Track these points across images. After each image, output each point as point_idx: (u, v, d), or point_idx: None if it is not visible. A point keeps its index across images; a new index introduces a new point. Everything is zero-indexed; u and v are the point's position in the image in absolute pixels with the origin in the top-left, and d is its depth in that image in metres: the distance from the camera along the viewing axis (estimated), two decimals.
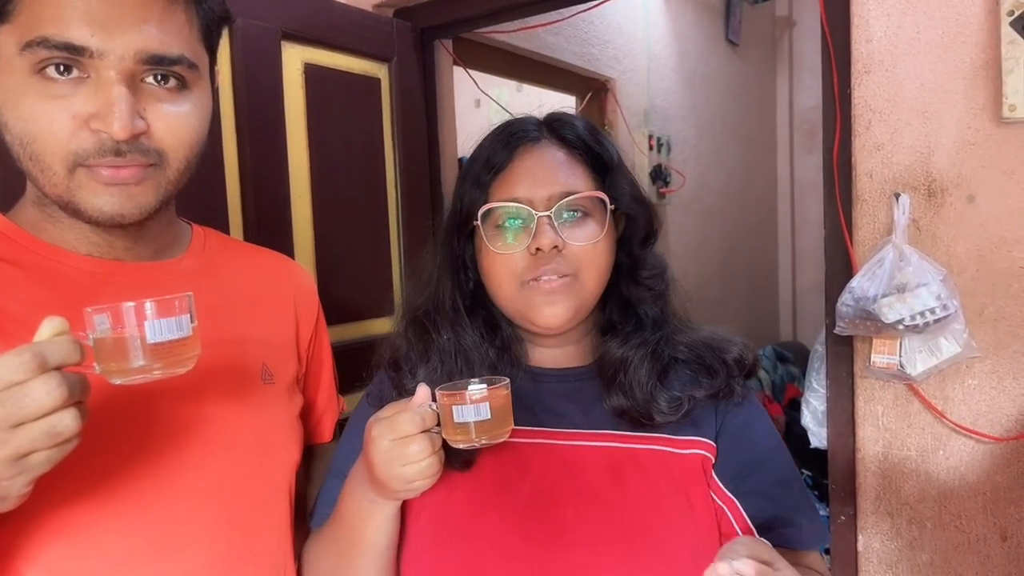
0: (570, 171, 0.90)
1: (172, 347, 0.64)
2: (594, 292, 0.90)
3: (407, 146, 1.98)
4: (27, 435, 0.55)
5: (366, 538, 0.85)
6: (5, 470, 0.56)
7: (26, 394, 0.55)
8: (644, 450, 0.88)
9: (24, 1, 0.70)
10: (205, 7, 0.79)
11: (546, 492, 0.86)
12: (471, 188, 0.92)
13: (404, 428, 0.76)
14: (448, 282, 0.94)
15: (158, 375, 0.64)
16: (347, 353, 1.75)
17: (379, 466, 0.77)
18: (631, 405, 0.88)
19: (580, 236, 0.87)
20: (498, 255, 0.89)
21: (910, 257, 1.28)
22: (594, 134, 0.93)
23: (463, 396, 0.76)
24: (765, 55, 4.51)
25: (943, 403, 1.33)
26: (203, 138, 0.81)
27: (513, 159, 0.90)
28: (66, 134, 0.71)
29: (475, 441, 0.77)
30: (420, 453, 0.76)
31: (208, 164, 0.83)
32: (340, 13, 1.85)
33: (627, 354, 0.90)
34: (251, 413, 0.87)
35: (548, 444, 0.89)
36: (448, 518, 0.87)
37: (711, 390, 0.90)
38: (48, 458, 0.57)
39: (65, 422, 0.56)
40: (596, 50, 3.07)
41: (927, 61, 1.31)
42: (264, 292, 0.96)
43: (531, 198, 0.87)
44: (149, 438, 0.78)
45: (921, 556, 1.38)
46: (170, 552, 0.78)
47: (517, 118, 0.96)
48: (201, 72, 0.79)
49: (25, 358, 0.55)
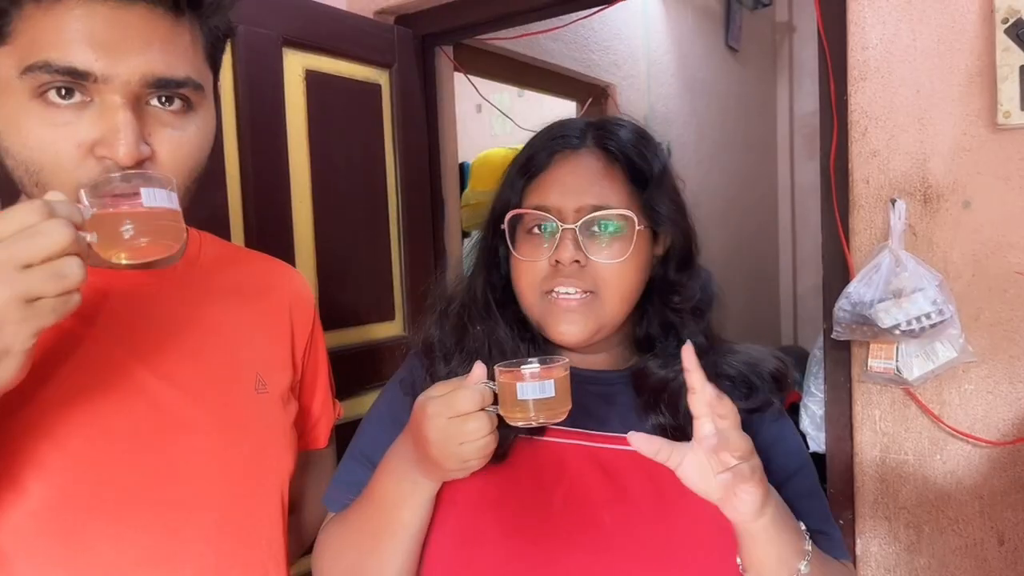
0: (606, 183, 0.87)
1: (161, 215, 0.66)
2: (617, 311, 0.88)
3: (408, 152, 1.99)
4: (37, 275, 0.56)
5: (402, 520, 0.83)
6: (13, 312, 0.56)
7: (37, 232, 0.56)
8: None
9: (23, 23, 0.68)
10: (210, 25, 0.77)
11: (582, 494, 0.85)
12: (507, 188, 0.91)
13: (463, 405, 0.74)
14: (481, 277, 0.94)
15: (144, 243, 0.64)
16: (347, 358, 1.77)
17: (435, 444, 0.75)
18: (672, 424, 0.86)
19: (605, 253, 0.85)
20: (523, 261, 0.88)
21: (906, 262, 1.29)
22: (640, 145, 0.89)
23: (527, 374, 0.75)
24: (765, 60, 4.52)
25: (940, 407, 1.34)
26: (205, 160, 0.80)
27: (550, 165, 0.89)
28: (73, 164, 0.69)
29: (533, 419, 0.75)
30: (479, 431, 0.74)
31: (210, 170, 0.83)
32: (341, 20, 1.86)
33: (668, 376, 0.88)
34: (244, 423, 0.86)
35: (585, 446, 0.88)
36: (481, 514, 0.86)
37: (752, 405, 0.88)
38: (53, 307, 0.57)
39: (72, 267, 0.57)
40: (596, 56, 3.08)
41: (923, 68, 1.32)
42: (259, 298, 0.96)
43: (560, 208, 0.86)
44: (139, 448, 0.78)
45: (919, 560, 1.38)
46: (161, 561, 0.78)
47: (565, 121, 0.93)
48: (206, 92, 0.77)
49: (36, 205, 0.57)
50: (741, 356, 0.93)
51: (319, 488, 1.10)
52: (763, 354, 0.94)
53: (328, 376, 1.08)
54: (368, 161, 1.91)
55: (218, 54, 0.81)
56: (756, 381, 0.90)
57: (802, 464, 0.95)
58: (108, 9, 0.68)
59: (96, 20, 0.68)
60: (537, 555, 0.83)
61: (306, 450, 1.05)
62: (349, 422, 1.21)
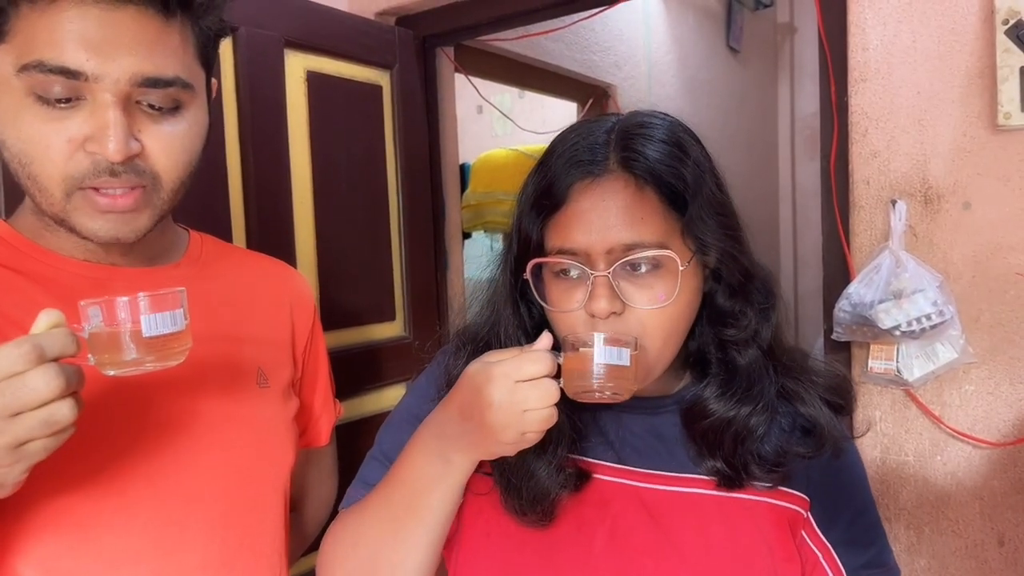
0: (637, 216, 0.74)
1: (165, 341, 0.66)
2: (663, 356, 0.78)
3: (409, 153, 1.99)
4: (25, 424, 0.57)
5: (430, 504, 0.76)
6: (3, 458, 0.57)
7: (25, 384, 0.56)
8: (732, 499, 0.80)
9: (20, 22, 0.71)
10: (202, 25, 0.79)
11: (625, 537, 0.79)
12: (527, 215, 0.80)
13: (532, 369, 0.68)
14: (509, 313, 0.84)
15: (150, 367, 0.65)
16: (348, 358, 1.78)
17: (498, 408, 0.68)
18: (728, 471, 0.79)
19: (644, 298, 0.74)
20: (556, 312, 0.78)
21: (907, 263, 1.29)
22: (674, 160, 0.76)
23: (605, 337, 0.70)
24: (766, 61, 4.52)
25: (940, 408, 1.34)
26: (198, 156, 0.81)
27: (569, 199, 0.76)
28: (62, 157, 0.72)
29: (600, 391, 0.70)
30: (545, 398, 0.68)
31: (211, 171, 0.84)
32: (342, 21, 1.87)
33: (728, 414, 0.79)
34: (246, 416, 0.88)
35: (629, 485, 0.81)
36: (518, 550, 0.80)
37: (812, 451, 0.80)
38: (45, 446, 0.59)
39: (63, 411, 0.58)
40: (597, 57, 3.08)
41: (923, 69, 1.32)
42: (260, 297, 0.97)
43: (588, 251, 0.74)
44: (144, 440, 0.79)
45: (919, 561, 1.38)
46: (166, 552, 0.79)
47: (584, 133, 0.79)
48: (197, 91, 0.79)
49: (24, 349, 0.57)
50: (815, 389, 0.83)
51: (320, 486, 1.11)
52: (830, 377, 0.84)
53: (328, 374, 1.09)
54: (369, 162, 1.91)
55: (211, 53, 0.83)
56: (819, 420, 0.81)
57: (866, 497, 0.88)
58: (100, 10, 0.70)
59: (88, 21, 0.70)
60: None
61: (307, 448, 1.06)
62: (350, 422, 1.22)
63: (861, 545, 0.84)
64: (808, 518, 0.82)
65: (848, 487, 0.86)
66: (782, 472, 0.80)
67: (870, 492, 0.90)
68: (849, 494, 0.86)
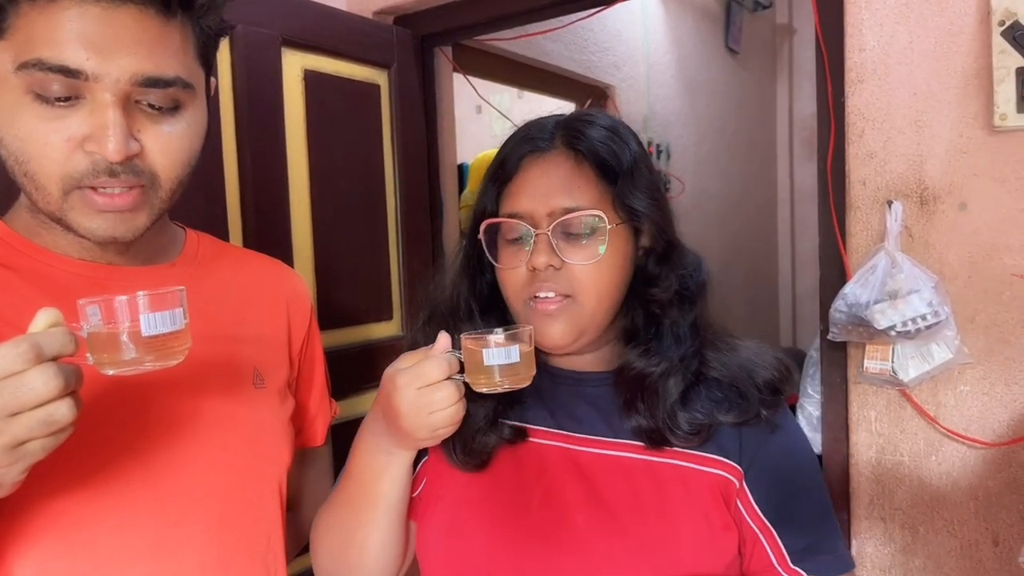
0: (576, 184, 0.85)
1: (165, 340, 0.65)
2: (597, 313, 0.86)
3: (406, 152, 2.00)
4: (24, 424, 0.56)
5: (381, 491, 0.85)
6: (2, 457, 0.57)
7: (24, 384, 0.56)
8: (663, 464, 0.85)
9: (19, 20, 0.70)
10: (202, 25, 0.79)
11: (558, 495, 0.85)
12: (483, 195, 0.91)
13: (431, 375, 0.76)
14: (465, 284, 0.94)
15: (150, 367, 0.65)
16: (346, 358, 1.78)
17: (406, 416, 0.76)
18: (649, 425, 0.85)
19: (580, 255, 0.84)
20: (504, 270, 0.88)
21: (902, 264, 1.30)
22: (609, 141, 0.87)
23: (492, 340, 0.77)
24: (765, 63, 4.53)
25: (935, 409, 1.34)
26: (196, 155, 0.81)
27: (520, 169, 0.88)
28: (60, 156, 0.71)
29: (499, 385, 0.77)
30: (447, 400, 0.76)
31: (208, 170, 0.84)
32: (340, 20, 1.87)
33: (648, 369, 0.86)
34: (242, 416, 0.88)
35: (565, 448, 0.88)
36: (463, 511, 0.88)
37: (739, 418, 0.85)
38: (44, 446, 0.58)
39: (61, 411, 0.58)
40: (596, 57, 3.09)
41: (919, 70, 1.32)
42: (256, 297, 0.97)
43: (532, 213, 0.85)
44: (141, 441, 0.79)
45: (914, 561, 1.38)
46: (162, 552, 0.79)
47: (536, 121, 0.92)
48: (196, 91, 0.79)
49: (23, 348, 0.56)
50: (735, 357, 0.90)
51: (317, 485, 1.10)
52: (763, 355, 0.91)
53: (324, 374, 1.09)
54: (367, 161, 1.92)
55: (211, 53, 0.83)
56: (746, 388, 0.87)
57: (811, 478, 0.90)
58: (100, 9, 0.70)
59: (88, 20, 0.70)
60: (515, 552, 0.84)
61: (304, 447, 1.06)
62: (346, 421, 1.22)
63: (801, 526, 0.86)
64: (743, 488, 0.85)
65: (786, 464, 0.88)
66: (703, 435, 0.85)
67: (818, 477, 0.92)
68: (787, 471, 0.88)
